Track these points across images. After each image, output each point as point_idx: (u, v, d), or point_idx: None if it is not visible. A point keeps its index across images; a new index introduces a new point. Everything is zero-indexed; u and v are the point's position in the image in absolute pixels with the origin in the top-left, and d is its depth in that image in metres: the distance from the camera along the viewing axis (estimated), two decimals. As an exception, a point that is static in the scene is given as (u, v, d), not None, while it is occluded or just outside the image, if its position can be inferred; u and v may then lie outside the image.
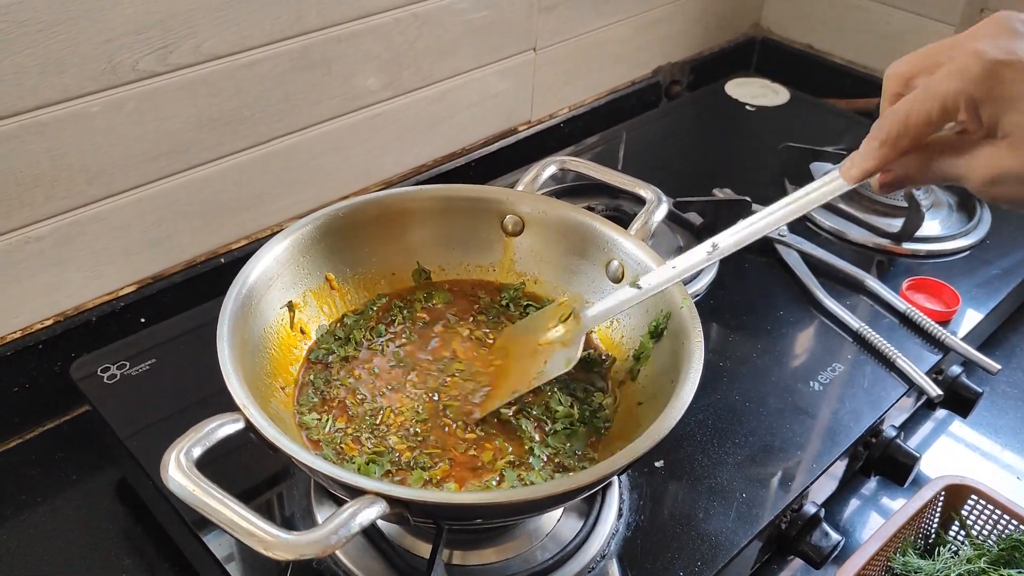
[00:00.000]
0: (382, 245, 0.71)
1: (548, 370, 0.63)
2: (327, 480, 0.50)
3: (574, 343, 0.63)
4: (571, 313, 0.65)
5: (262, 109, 0.82)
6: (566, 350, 0.64)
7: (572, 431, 0.62)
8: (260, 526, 0.44)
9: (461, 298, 0.73)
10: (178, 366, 0.75)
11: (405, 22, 0.90)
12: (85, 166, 0.73)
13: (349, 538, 0.44)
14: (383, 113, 0.94)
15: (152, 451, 0.67)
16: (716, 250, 0.59)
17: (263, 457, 0.66)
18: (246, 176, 0.85)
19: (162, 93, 0.75)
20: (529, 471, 0.59)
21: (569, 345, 0.64)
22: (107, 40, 0.69)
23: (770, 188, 1.06)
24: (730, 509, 0.67)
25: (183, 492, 0.46)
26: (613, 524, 0.65)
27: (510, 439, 0.62)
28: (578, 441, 0.62)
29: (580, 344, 0.63)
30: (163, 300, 0.83)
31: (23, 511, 0.72)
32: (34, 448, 0.78)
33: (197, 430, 0.49)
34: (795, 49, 1.39)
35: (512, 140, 1.11)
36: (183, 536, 0.66)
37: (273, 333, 0.63)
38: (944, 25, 1.21)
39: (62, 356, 0.78)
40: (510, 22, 1.01)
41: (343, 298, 0.70)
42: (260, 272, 0.62)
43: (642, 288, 0.62)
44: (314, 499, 0.65)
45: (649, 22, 1.21)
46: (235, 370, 0.53)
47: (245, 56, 0.78)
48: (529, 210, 0.72)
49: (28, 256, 0.73)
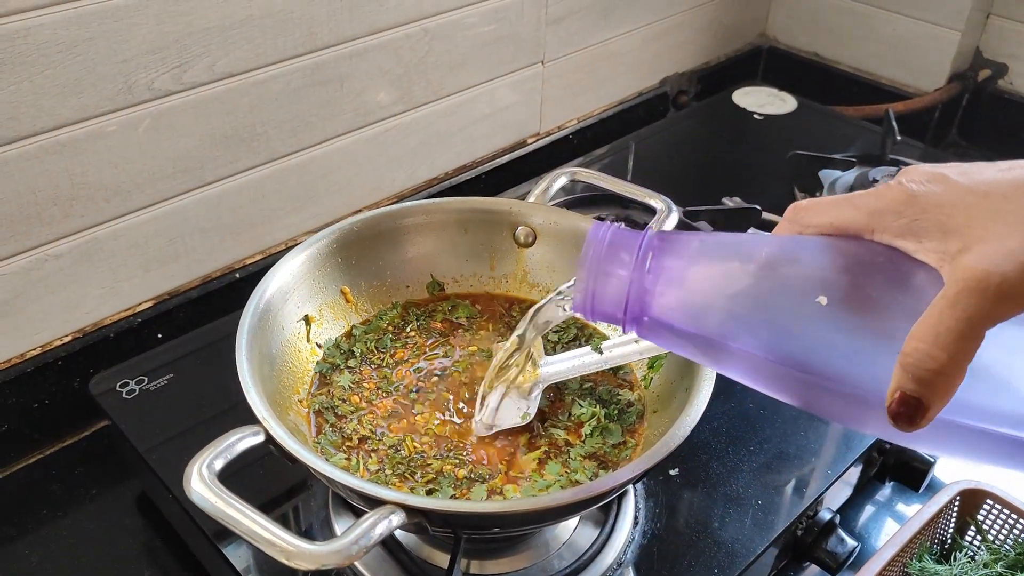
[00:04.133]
0: (396, 258, 0.72)
1: (500, 419, 0.62)
2: (346, 491, 0.50)
3: (532, 397, 0.63)
4: (528, 356, 0.65)
5: (276, 125, 0.84)
6: (523, 401, 0.63)
7: (605, 428, 0.62)
8: (282, 536, 0.45)
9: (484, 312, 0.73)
10: (195, 380, 0.76)
11: (415, 37, 0.91)
12: (103, 184, 0.74)
13: (370, 548, 0.45)
14: (394, 127, 0.95)
15: (172, 464, 0.67)
16: None
17: (280, 470, 0.66)
18: (260, 192, 0.86)
19: (177, 111, 0.76)
20: (570, 469, 0.60)
21: (526, 396, 0.63)
22: (124, 60, 0.71)
23: (779, 196, 1.06)
24: (746, 516, 0.67)
25: (205, 504, 0.47)
26: (629, 532, 0.65)
27: (546, 443, 0.62)
28: (613, 437, 0.62)
29: (537, 400, 0.63)
30: (179, 315, 0.84)
31: (44, 526, 0.73)
32: (54, 463, 0.79)
33: (218, 443, 0.49)
34: (802, 57, 1.39)
35: (521, 152, 1.12)
36: (203, 548, 0.67)
37: (290, 347, 0.64)
38: (950, 31, 1.22)
39: (81, 372, 0.79)
40: (519, 36, 1.02)
41: (358, 311, 0.70)
42: (277, 286, 0.63)
43: (603, 356, 0.63)
44: (332, 510, 0.66)
45: (656, 33, 1.22)
46: (254, 384, 0.54)
47: (259, 73, 0.80)
48: (541, 221, 0.73)
49: (48, 273, 0.75)
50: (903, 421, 0.34)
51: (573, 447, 0.61)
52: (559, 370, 0.64)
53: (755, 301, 0.40)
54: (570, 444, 0.62)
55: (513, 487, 0.58)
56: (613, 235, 0.43)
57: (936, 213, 0.36)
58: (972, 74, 1.27)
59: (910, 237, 0.37)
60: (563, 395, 0.66)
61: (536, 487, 0.58)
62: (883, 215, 0.38)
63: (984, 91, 1.27)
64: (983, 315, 0.33)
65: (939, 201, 0.36)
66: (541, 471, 0.60)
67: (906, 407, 0.34)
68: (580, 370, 0.64)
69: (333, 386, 0.65)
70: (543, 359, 0.65)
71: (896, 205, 0.37)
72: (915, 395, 0.34)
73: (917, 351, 0.33)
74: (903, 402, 0.34)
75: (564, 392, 0.66)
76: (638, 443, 0.62)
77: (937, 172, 0.37)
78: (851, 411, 0.39)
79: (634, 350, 0.62)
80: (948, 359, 0.33)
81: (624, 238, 0.43)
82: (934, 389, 0.34)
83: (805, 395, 0.40)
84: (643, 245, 0.42)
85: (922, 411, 0.34)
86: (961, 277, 0.33)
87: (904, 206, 0.37)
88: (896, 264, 0.37)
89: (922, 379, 0.33)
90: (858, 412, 0.39)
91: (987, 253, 0.33)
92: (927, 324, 0.34)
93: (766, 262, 0.40)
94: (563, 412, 0.64)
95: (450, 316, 0.72)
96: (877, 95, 1.31)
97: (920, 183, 0.37)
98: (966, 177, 0.36)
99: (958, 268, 0.34)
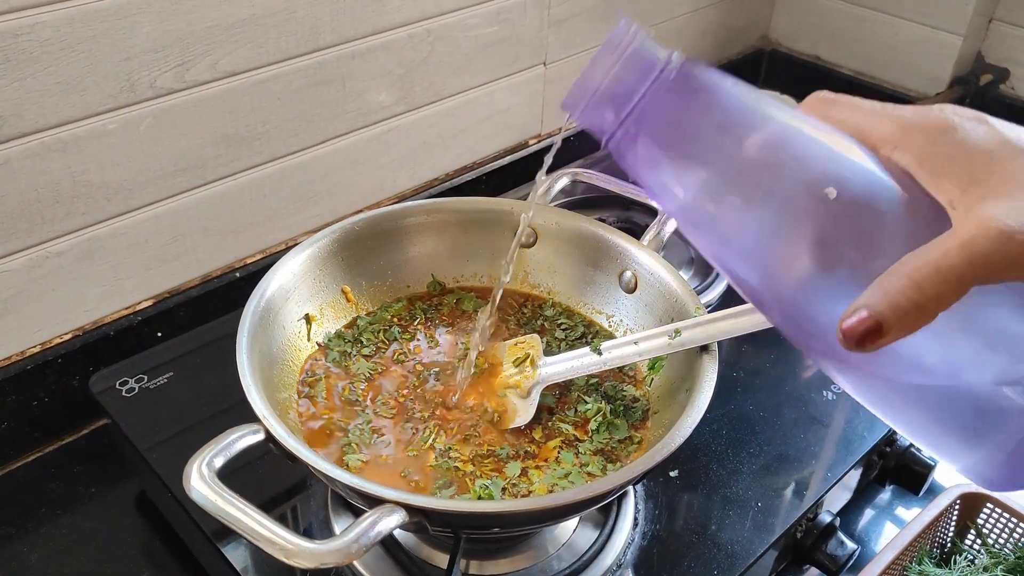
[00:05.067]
0: (397, 258, 0.72)
1: (513, 423, 0.63)
2: (346, 490, 0.50)
3: (531, 398, 0.64)
4: (528, 358, 0.66)
5: (278, 125, 0.84)
6: (522, 402, 0.64)
7: (611, 423, 0.63)
8: (281, 535, 0.45)
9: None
10: (195, 379, 0.76)
11: (418, 38, 0.91)
12: (104, 182, 0.74)
13: (370, 546, 0.45)
14: (396, 128, 0.95)
15: (171, 463, 0.67)
16: (677, 338, 0.60)
17: (279, 470, 0.67)
18: (262, 191, 0.86)
19: (179, 110, 0.76)
20: (581, 461, 0.60)
21: (525, 397, 0.64)
22: (126, 58, 0.71)
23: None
24: (746, 518, 0.67)
25: (205, 502, 0.47)
26: (629, 534, 0.65)
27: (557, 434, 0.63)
28: (620, 432, 0.62)
29: (535, 401, 0.64)
30: (180, 314, 0.84)
31: (43, 524, 0.72)
32: (53, 462, 0.79)
33: (218, 441, 0.49)
34: (804, 60, 1.39)
35: (522, 154, 1.12)
36: (202, 547, 0.67)
37: (291, 346, 0.64)
38: (952, 35, 1.22)
39: (81, 370, 0.79)
40: (520, 37, 1.02)
41: (359, 311, 0.70)
42: (278, 285, 0.63)
43: (602, 357, 0.63)
44: (331, 510, 0.65)
45: (658, 36, 1.21)
46: (254, 382, 0.54)
47: (261, 73, 0.80)
48: (542, 222, 0.73)
49: (49, 271, 0.74)
50: (853, 339, 0.33)
51: (582, 442, 0.62)
52: (558, 371, 0.65)
53: (761, 169, 0.38)
54: (579, 439, 0.62)
55: (538, 472, 0.59)
56: (641, 42, 0.41)
57: (969, 152, 0.34)
58: (974, 79, 1.27)
59: (932, 167, 0.35)
60: (569, 391, 0.66)
61: (556, 475, 0.59)
62: (916, 133, 0.36)
63: (986, 96, 1.27)
64: (990, 267, 0.32)
65: (976, 141, 0.35)
66: (557, 459, 0.60)
67: (864, 327, 0.33)
68: (579, 371, 0.64)
69: (353, 378, 0.65)
70: (542, 360, 0.65)
71: (933, 129, 0.36)
72: (879, 319, 0.32)
73: (907, 278, 0.32)
74: (863, 321, 0.33)
75: (571, 388, 0.66)
76: (643, 439, 0.62)
77: (983, 115, 0.36)
78: (797, 310, 0.38)
79: (632, 352, 0.62)
80: (933, 296, 0.32)
81: (650, 50, 0.41)
82: (902, 321, 0.32)
83: (771, 285, 0.39)
84: (670, 65, 0.40)
85: (877, 336, 0.32)
86: (981, 224, 0.32)
87: (941, 133, 0.35)
88: (908, 189, 0.36)
89: (897, 306, 0.32)
90: (804, 312, 0.38)
91: (1014, 209, 0.32)
92: (928, 257, 0.32)
93: (783, 134, 0.38)
94: (569, 408, 0.65)
95: (457, 308, 0.73)
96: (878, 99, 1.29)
97: (964, 118, 0.35)
98: (1010, 130, 0.35)
99: (978, 215, 0.32)
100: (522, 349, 0.67)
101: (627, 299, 0.69)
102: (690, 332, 0.60)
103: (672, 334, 0.60)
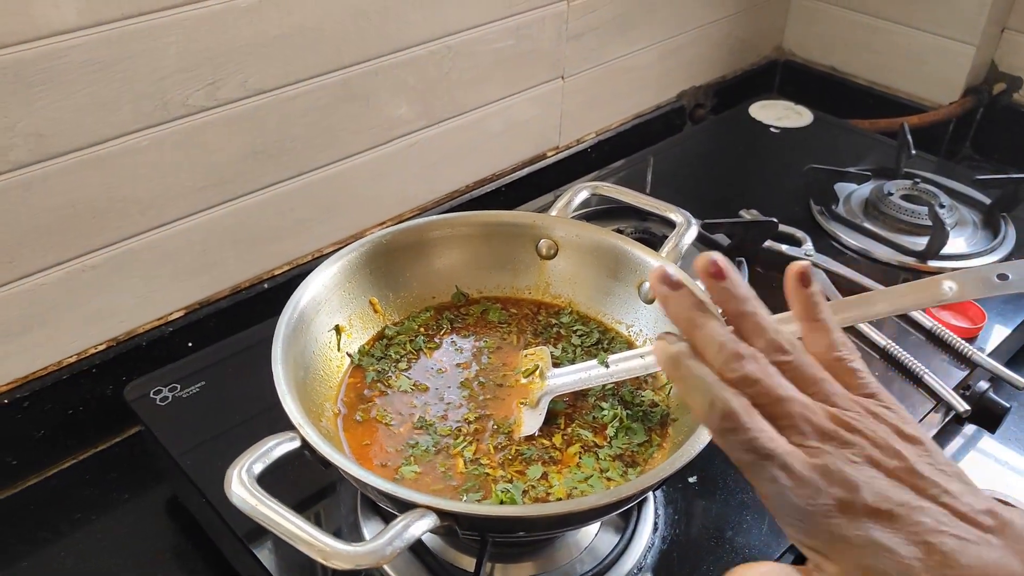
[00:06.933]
0: (422, 270, 0.74)
1: (521, 432, 0.65)
2: (378, 495, 0.52)
3: (539, 408, 0.65)
4: (537, 369, 0.68)
5: (304, 140, 0.86)
6: (530, 412, 0.66)
7: (628, 428, 0.64)
8: (319, 538, 0.46)
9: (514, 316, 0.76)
10: (226, 388, 0.78)
11: (439, 54, 0.93)
12: (138, 197, 0.77)
13: (402, 549, 0.47)
14: (417, 142, 0.97)
15: (204, 469, 0.70)
16: None
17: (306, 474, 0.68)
18: (288, 205, 0.88)
19: (210, 127, 0.78)
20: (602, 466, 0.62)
21: (534, 407, 0.66)
22: (160, 78, 0.73)
23: (796, 209, 1.07)
24: (763, 523, 0.68)
25: (245, 506, 0.48)
26: (649, 538, 0.67)
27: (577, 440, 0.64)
28: (638, 436, 0.64)
29: (544, 411, 0.65)
30: (210, 324, 0.87)
31: (78, 529, 0.75)
32: (88, 468, 0.81)
33: (256, 448, 0.51)
34: (818, 71, 1.41)
35: (541, 165, 1.14)
36: (234, 549, 0.69)
37: (322, 356, 0.66)
38: (965, 45, 1.23)
39: (114, 379, 0.82)
40: (539, 51, 1.04)
41: (386, 321, 0.73)
42: (310, 297, 0.65)
43: (609, 370, 0.64)
44: (361, 513, 0.67)
45: (674, 47, 1.24)
46: (289, 391, 0.56)
47: (289, 90, 0.82)
48: (563, 234, 0.74)
49: (84, 284, 0.77)
50: None
51: (601, 448, 0.63)
52: (565, 382, 0.66)
53: None
54: (598, 445, 0.64)
55: (559, 476, 0.61)
56: None
57: None
58: (987, 87, 1.28)
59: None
60: (586, 397, 0.68)
61: (576, 479, 0.60)
62: None
63: (999, 104, 1.28)
64: None
65: None
66: (578, 464, 0.62)
67: None
68: (586, 383, 0.65)
69: (392, 388, 0.68)
70: (550, 371, 0.67)
71: None
72: None
73: None
74: None
75: (587, 394, 0.68)
76: (664, 442, 0.64)
77: None
78: None
79: (639, 365, 0.64)
80: None
81: None
82: None
83: None
84: None
85: None
86: None
87: None
88: None
89: None
90: None
91: None
92: None
93: None
94: (587, 413, 0.66)
95: (482, 319, 0.75)
96: (892, 108, 1.32)
97: None
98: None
99: None
100: (531, 360, 0.69)
101: (646, 309, 0.71)
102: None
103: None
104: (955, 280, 0.53)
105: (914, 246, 0.99)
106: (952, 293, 0.53)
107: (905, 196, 1.06)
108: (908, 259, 0.98)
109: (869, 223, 1.04)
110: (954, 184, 1.10)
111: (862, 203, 1.08)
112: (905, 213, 1.03)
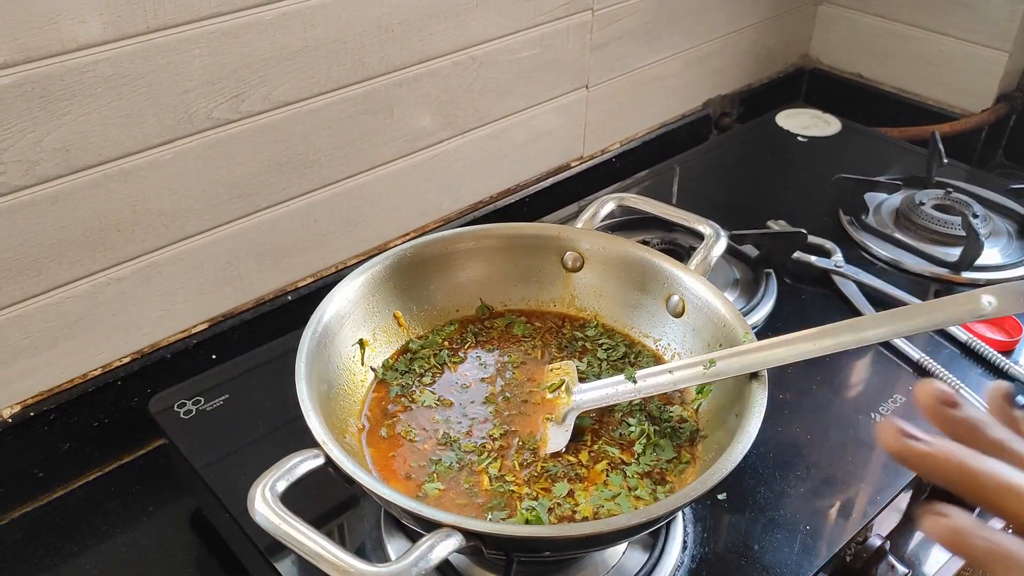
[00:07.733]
0: (446, 282, 0.73)
1: (548, 448, 0.64)
2: (403, 514, 0.51)
3: (565, 424, 0.64)
4: (563, 384, 0.67)
5: (328, 152, 0.86)
6: (556, 428, 0.65)
7: (656, 444, 0.63)
8: (343, 559, 0.46)
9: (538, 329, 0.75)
10: (250, 401, 0.77)
11: (463, 65, 0.93)
12: (162, 210, 0.77)
13: (428, 570, 0.46)
14: (441, 153, 0.96)
15: (228, 482, 0.69)
16: (712, 368, 0.61)
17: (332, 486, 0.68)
18: (312, 216, 0.88)
19: (234, 139, 0.78)
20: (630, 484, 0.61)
21: (560, 423, 0.65)
22: (184, 91, 0.73)
23: (825, 219, 1.06)
24: (794, 542, 0.67)
25: (268, 525, 0.48)
26: (678, 556, 0.65)
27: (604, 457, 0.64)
28: (666, 453, 0.63)
29: (570, 427, 0.64)
30: (234, 337, 0.86)
31: (103, 541, 0.75)
32: (113, 481, 0.81)
33: (280, 466, 0.51)
34: (844, 79, 1.39)
35: (565, 176, 1.13)
36: (256, 563, 0.68)
37: (345, 370, 0.65)
38: (997, 52, 1.21)
39: (138, 392, 0.82)
40: (563, 61, 1.04)
41: (410, 335, 0.72)
42: (334, 311, 0.64)
43: (637, 385, 0.64)
44: (384, 529, 0.67)
45: (699, 56, 1.23)
46: (314, 408, 0.55)
47: (312, 102, 0.82)
48: (589, 246, 0.74)
49: (110, 296, 0.77)
50: None
51: (628, 465, 0.62)
52: (592, 398, 0.65)
53: None
54: (625, 463, 0.63)
55: (585, 494, 0.60)
56: None
57: None
58: (1019, 95, 1.26)
59: None
60: (612, 412, 0.67)
61: (603, 497, 0.60)
62: None
63: (1032, 112, 1.26)
64: None
65: None
66: (606, 482, 0.61)
67: None
68: (613, 399, 0.65)
69: (416, 403, 0.67)
70: (576, 387, 0.66)
71: None
72: None
73: None
74: None
75: (614, 409, 0.67)
76: (694, 459, 0.62)
77: None
78: None
79: (667, 380, 0.63)
80: None
81: None
82: None
83: None
84: None
85: None
86: None
87: None
88: None
89: None
90: None
91: None
92: None
93: None
94: (614, 429, 0.65)
95: (507, 332, 0.74)
96: (922, 116, 1.30)
97: None
98: None
99: None
100: (557, 375, 0.68)
101: (675, 323, 0.70)
102: (725, 363, 0.60)
103: (707, 364, 0.61)
104: (995, 295, 0.51)
105: (947, 257, 0.97)
106: (991, 308, 0.52)
107: (937, 206, 1.04)
108: (941, 270, 0.97)
109: (900, 233, 1.02)
110: (987, 193, 1.08)
111: (893, 213, 1.06)
112: (937, 223, 1.01)
